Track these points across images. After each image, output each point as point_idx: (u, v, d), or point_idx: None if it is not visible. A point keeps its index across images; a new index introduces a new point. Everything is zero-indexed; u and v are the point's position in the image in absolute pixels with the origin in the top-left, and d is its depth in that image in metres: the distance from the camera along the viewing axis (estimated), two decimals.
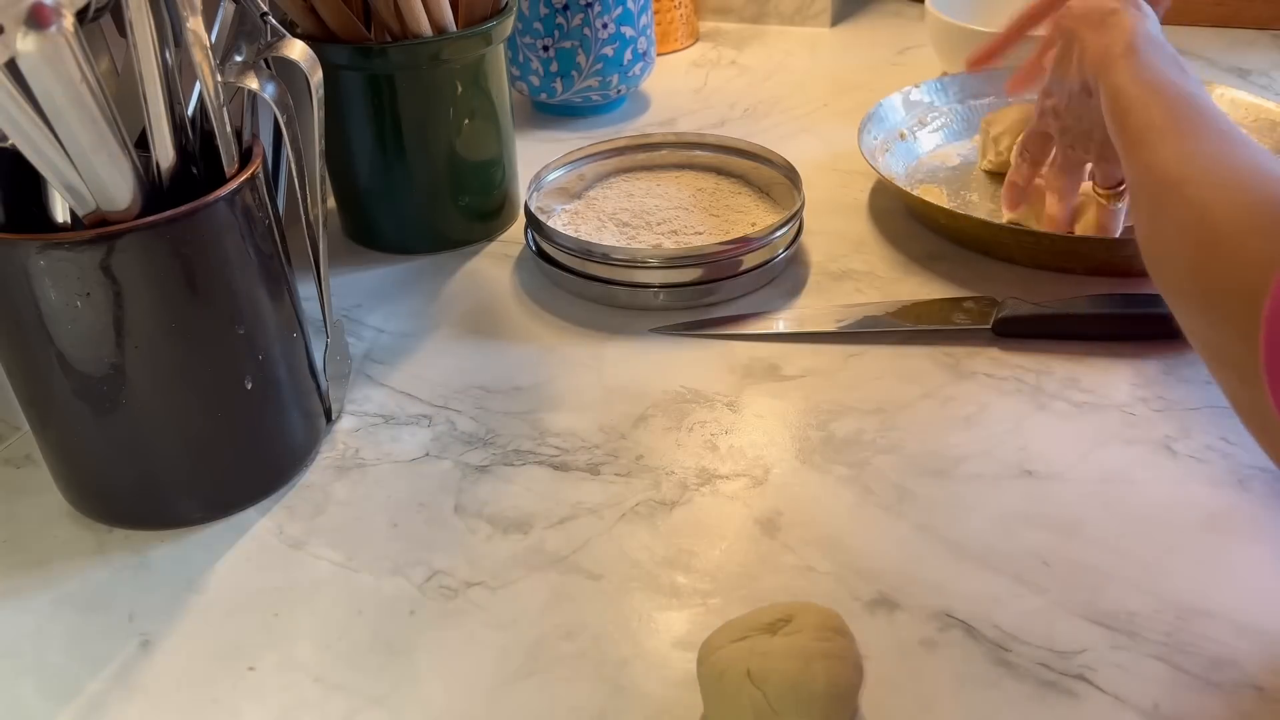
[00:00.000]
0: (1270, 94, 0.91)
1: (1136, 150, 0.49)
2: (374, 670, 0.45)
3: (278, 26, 0.51)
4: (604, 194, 0.77)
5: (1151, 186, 0.47)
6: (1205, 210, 0.42)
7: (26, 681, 0.46)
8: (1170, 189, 0.45)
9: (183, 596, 0.49)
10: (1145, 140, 0.48)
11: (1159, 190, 0.46)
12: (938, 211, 0.72)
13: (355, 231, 0.78)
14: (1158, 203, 0.46)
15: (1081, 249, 0.68)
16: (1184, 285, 0.43)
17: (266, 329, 0.51)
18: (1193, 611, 0.46)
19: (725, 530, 0.51)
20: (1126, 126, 0.51)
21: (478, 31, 0.70)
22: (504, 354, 0.65)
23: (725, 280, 0.68)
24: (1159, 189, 0.46)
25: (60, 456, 0.52)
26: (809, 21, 1.18)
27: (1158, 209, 0.45)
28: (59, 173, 0.43)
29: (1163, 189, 0.45)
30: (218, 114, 0.48)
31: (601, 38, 0.92)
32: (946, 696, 0.43)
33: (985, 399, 0.59)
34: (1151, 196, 0.46)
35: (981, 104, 0.87)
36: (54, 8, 0.37)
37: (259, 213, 0.50)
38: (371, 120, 0.71)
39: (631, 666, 0.45)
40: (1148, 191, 0.47)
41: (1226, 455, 0.54)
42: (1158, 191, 0.46)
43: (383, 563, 0.50)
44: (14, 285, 0.45)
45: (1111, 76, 0.53)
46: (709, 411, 0.59)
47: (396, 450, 0.58)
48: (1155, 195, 0.46)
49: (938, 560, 0.49)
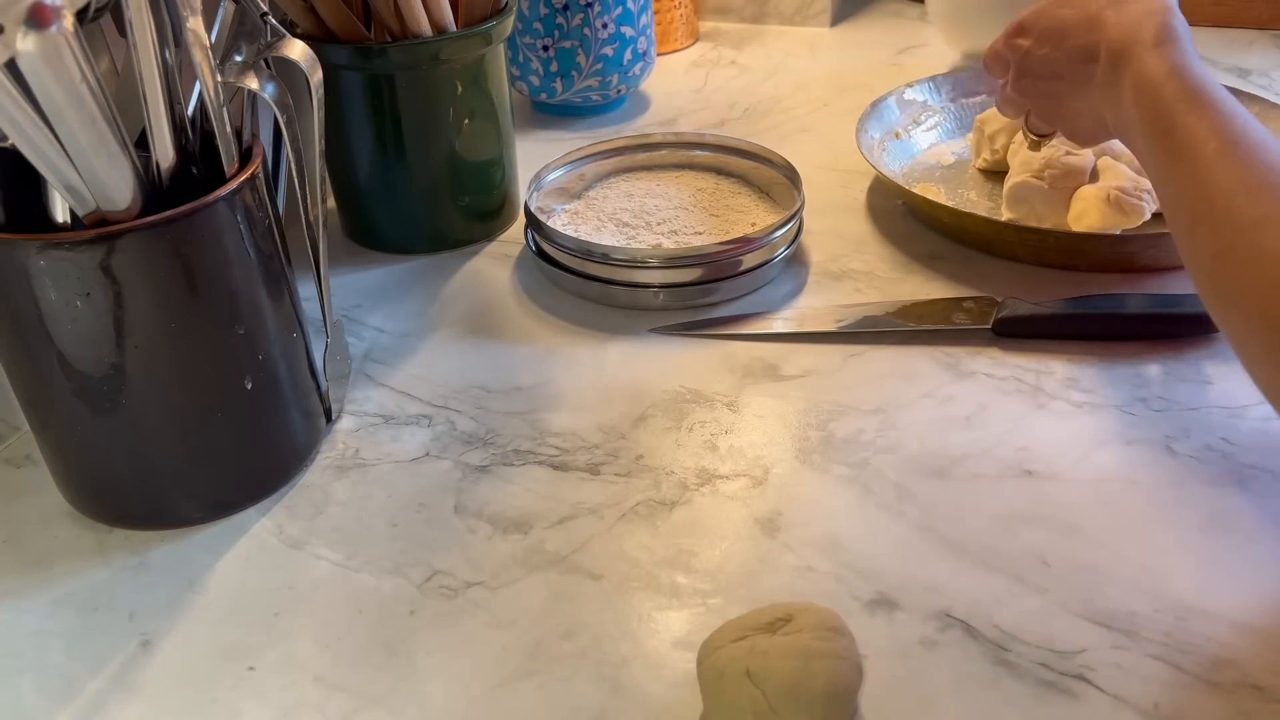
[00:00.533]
0: (1270, 94, 0.91)
1: (1180, 163, 0.45)
2: (374, 670, 0.45)
3: (278, 26, 0.51)
4: (604, 194, 0.77)
5: (1215, 224, 0.43)
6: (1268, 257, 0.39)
7: (26, 681, 0.46)
8: (1244, 232, 0.41)
9: (183, 596, 0.49)
10: (1195, 155, 0.44)
11: (1228, 232, 0.42)
12: (941, 210, 0.72)
13: (355, 231, 0.78)
14: (1228, 246, 0.42)
15: (1085, 246, 0.68)
16: (1272, 347, 0.40)
17: (266, 329, 0.51)
18: (1193, 611, 0.46)
19: (725, 530, 0.51)
20: (1167, 132, 0.46)
21: (478, 31, 0.70)
22: (504, 354, 0.65)
23: (725, 280, 0.68)
24: (1228, 229, 0.42)
25: (60, 456, 0.52)
26: (809, 21, 1.18)
27: (1228, 251, 0.42)
28: (59, 173, 0.43)
29: (1235, 231, 0.42)
30: (218, 114, 0.48)
31: (601, 38, 0.92)
32: (946, 696, 0.43)
33: (985, 399, 0.59)
34: (1217, 235, 0.42)
35: (975, 102, 0.87)
36: (54, 8, 0.37)
37: (259, 213, 0.50)
38: (371, 120, 0.71)
39: (631, 666, 0.45)
40: (1206, 221, 0.43)
41: (1226, 455, 0.54)
42: (1227, 233, 0.42)
43: (382, 563, 0.50)
44: (14, 285, 0.45)
45: (1141, 64, 0.48)
46: (709, 411, 0.59)
47: (396, 450, 0.58)
48: (1223, 236, 0.42)
49: (938, 560, 0.49)
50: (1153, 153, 0.47)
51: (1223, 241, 0.42)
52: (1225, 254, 0.42)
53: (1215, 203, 0.43)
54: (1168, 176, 0.46)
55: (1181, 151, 0.45)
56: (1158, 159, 0.47)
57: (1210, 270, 0.43)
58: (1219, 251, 0.42)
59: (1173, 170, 0.46)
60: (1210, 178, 0.43)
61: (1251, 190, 0.42)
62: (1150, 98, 0.47)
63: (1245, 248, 0.41)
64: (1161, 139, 0.46)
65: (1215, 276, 0.43)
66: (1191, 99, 0.45)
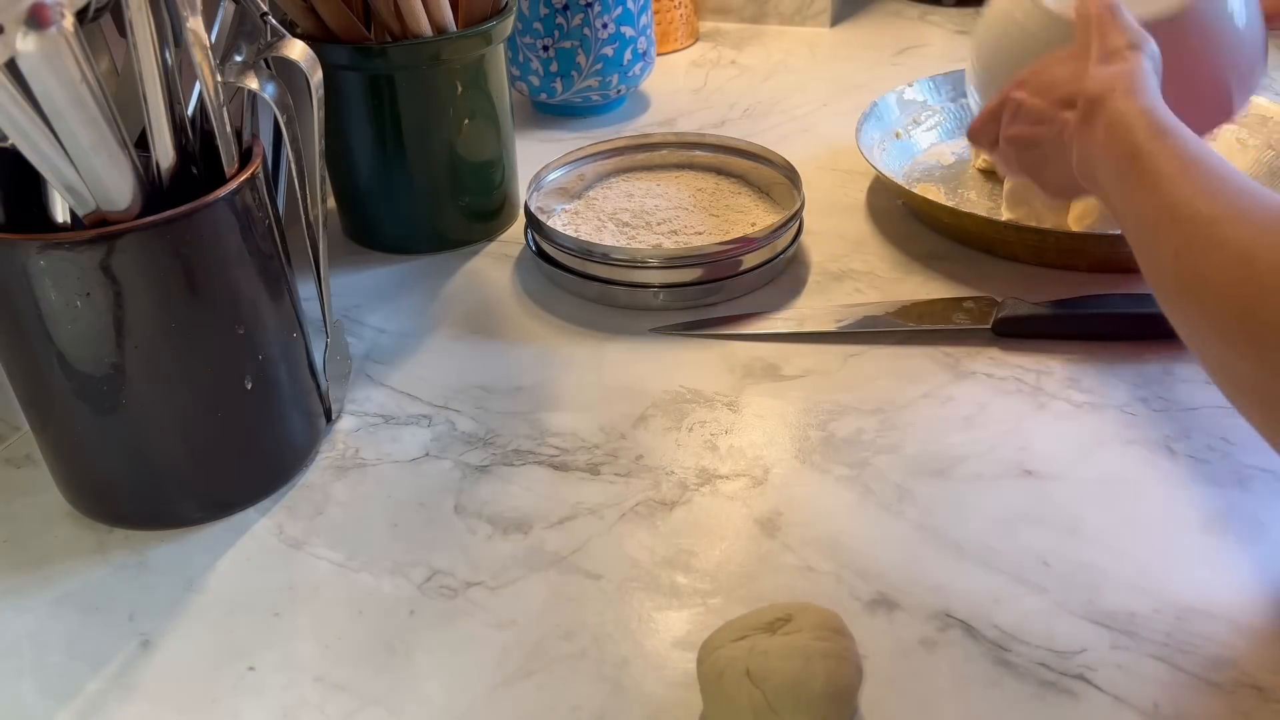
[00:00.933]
0: (1270, 94, 0.91)
1: (1144, 180, 0.49)
2: (374, 670, 0.45)
3: (278, 26, 0.51)
4: (604, 194, 0.77)
5: (1177, 224, 0.46)
6: (1248, 252, 0.42)
7: (26, 681, 0.46)
8: (1202, 227, 0.45)
9: (183, 596, 0.49)
10: (1158, 173, 0.48)
11: (1189, 227, 0.45)
12: (940, 210, 0.72)
13: (355, 231, 0.78)
14: (1188, 240, 0.45)
15: (1085, 245, 0.68)
16: (1228, 327, 0.43)
17: (266, 329, 0.51)
18: (1193, 611, 0.46)
19: (725, 530, 0.51)
20: (1133, 157, 0.50)
21: (478, 31, 0.70)
22: (504, 354, 0.65)
23: (725, 280, 0.68)
24: (1189, 226, 0.45)
25: (60, 456, 0.52)
26: (809, 21, 1.18)
27: (1187, 246, 0.45)
28: (59, 173, 0.43)
29: (1194, 226, 0.45)
30: (218, 114, 0.48)
31: (601, 38, 0.92)
32: (946, 696, 0.43)
33: (985, 399, 0.59)
34: (1178, 232, 0.46)
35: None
36: (54, 8, 0.38)
37: (259, 213, 0.50)
38: (371, 120, 0.71)
39: (631, 666, 0.45)
40: (1169, 229, 0.47)
41: (1226, 455, 0.54)
42: (1188, 229, 0.45)
43: (383, 563, 0.50)
44: (14, 285, 0.45)
45: (1114, 106, 0.53)
46: (709, 411, 0.59)
47: (396, 450, 0.58)
48: (1184, 232, 0.46)
49: (938, 560, 0.49)
50: (1120, 179, 0.52)
51: (1183, 238, 0.46)
52: (1185, 250, 0.45)
53: (1177, 209, 0.46)
54: (1132, 197, 0.50)
55: (1145, 172, 0.49)
56: (1124, 184, 0.51)
57: (1172, 268, 0.46)
58: (1179, 249, 0.46)
59: (1137, 190, 0.50)
60: (1172, 188, 0.47)
61: (1209, 194, 0.46)
62: (1120, 130, 0.52)
63: (1204, 240, 0.44)
64: (1129, 164, 0.51)
65: (1175, 271, 0.46)
66: (1157, 131, 0.50)
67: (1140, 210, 0.50)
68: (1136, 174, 0.50)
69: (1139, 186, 0.50)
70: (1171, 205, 0.47)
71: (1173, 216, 0.47)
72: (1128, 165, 0.51)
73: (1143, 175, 0.49)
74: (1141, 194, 0.49)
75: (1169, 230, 0.47)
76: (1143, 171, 0.49)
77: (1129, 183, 0.51)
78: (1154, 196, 0.48)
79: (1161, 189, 0.48)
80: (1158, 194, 0.48)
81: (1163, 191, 0.48)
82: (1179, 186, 0.47)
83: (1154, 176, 0.49)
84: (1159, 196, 0.48)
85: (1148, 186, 0.49)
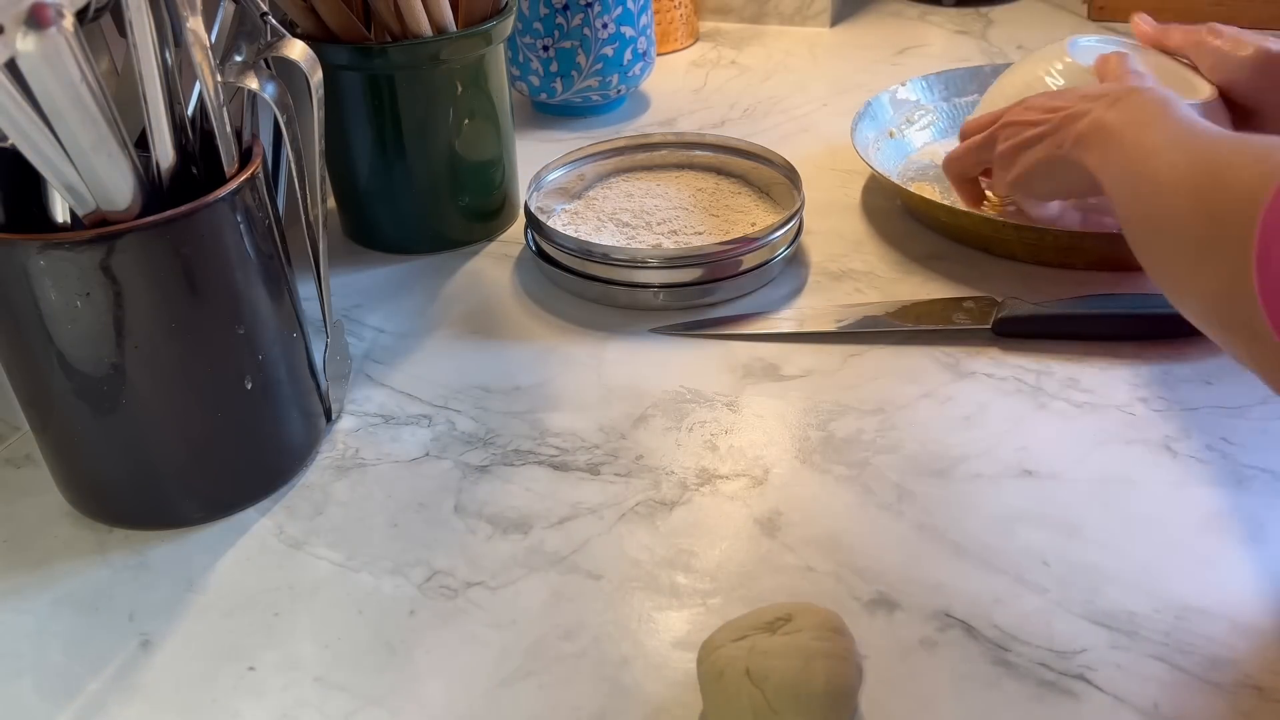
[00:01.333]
0: None
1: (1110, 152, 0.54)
2: (374, 670, 0.45)
3: (278, 26, 0.51)
4: (604, 194, 0.77)
5: (1133, 164, 0.51)
6: (1195, 159, 0.46)
7: (26, 681, 0.46)
8: (1151, 156, 0.50)
9: (183, 596, 0.49)
10: (1123, 142, 0.53)
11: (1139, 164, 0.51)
12: (938, 209, 0.72)
13: (355, 231, 0.78)
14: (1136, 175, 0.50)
15: (1084, 244, 0.68)
16: (1181, 232, 0.46)
17: (266, 329, 0.51)
18: (1193, 611, 0.46)
19: (725, 530, 0.51)
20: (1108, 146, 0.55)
21: (478, 31, 0.70)
22: (504, 354, 0.65)
23: (725, 280, 0.68)
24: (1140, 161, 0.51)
25: (60, 456, 0.52)
26: (809, 21, 1.18)
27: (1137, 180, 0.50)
28: (59, 173, 0.43)
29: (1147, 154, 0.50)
30: (218, 114, 0.48)
31: (601, 38, 0.92)
32: (946, 696, 0.43)
33: (985, 399, 0.59)
34: (1194, 168, 0.47)
35: (967, 102, 0.87)
36: (54, 8, 0.38)
37: (259, 213, 0.50)
38: (371, 120, 0.71)
39: (631, 666, 0.45)
40: (1130, 174, 0.52)
41: (1226, 455, 0.54)
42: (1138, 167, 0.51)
43: (382, 563, 0.50)
44: (14, 285, 0.45)
45: (1095, 112, 0.57)
46: (709, 411, 0.59)
47: (396, 450, 0.58)
48: (1134, 170, 0.51)
49: (937, 560, 0.49)
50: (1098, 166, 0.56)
51: (1134, 177, 0.51)
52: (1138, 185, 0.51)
53: (1133, 162, 0.52)
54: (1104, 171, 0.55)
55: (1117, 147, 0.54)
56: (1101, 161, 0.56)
57: (1133, 213, 0.51)
58: (1135, 189, 0.51)
59: (1105, 156, 0.55)
60: (1136, 147, 0.52)
61: (1169, 143, 0.50)
62: (1134, 100, 0.56)
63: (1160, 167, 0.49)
64: (1098, 146, 0.56)
65: (1139, 217, 0.50)
66: (1165, 98, 0.54)
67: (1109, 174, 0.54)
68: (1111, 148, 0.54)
69: (1104, 153, 0.55)
70: (1128, 159, 0.52)
71: (1129, 170, 0.52)
72: (1097, 144, 0.56)
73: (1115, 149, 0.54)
74: (1110, 162, 0.54)
75: (1126, 180, 0.52)
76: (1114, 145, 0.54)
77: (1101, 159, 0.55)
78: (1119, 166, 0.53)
79: (1123, 150, 0.53)
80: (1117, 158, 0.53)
81: (1122, 151, 0.53)
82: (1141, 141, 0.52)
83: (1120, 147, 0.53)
84: (1118, 156, 0.53)
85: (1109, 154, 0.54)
